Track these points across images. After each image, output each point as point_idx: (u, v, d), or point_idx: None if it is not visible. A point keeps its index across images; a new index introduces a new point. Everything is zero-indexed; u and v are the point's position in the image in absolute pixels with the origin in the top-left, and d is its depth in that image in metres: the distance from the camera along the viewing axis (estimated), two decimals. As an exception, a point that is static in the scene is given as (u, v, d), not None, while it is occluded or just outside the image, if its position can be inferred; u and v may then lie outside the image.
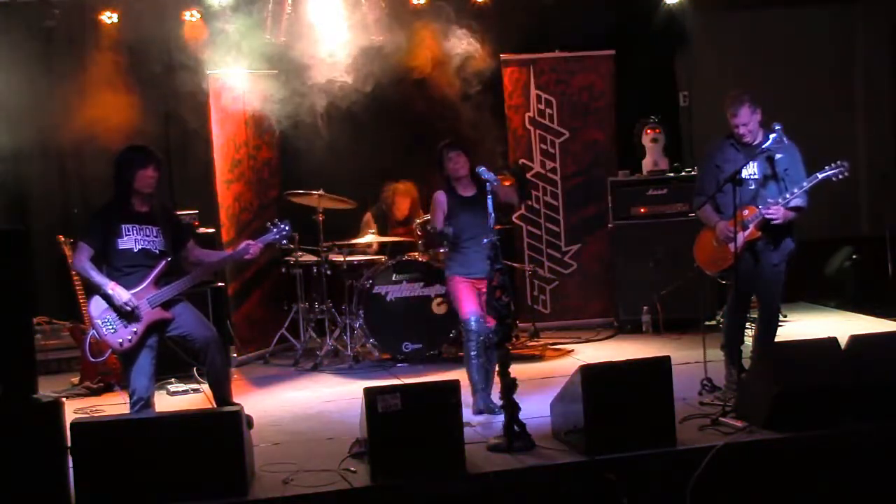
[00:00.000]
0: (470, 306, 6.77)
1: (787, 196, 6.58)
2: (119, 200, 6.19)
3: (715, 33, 10.20)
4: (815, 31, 10.36)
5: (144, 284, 6.10)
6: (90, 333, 6.05)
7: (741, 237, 6.51)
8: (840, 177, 6.55)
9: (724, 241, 6.65)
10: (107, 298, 6.06)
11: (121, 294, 6.02)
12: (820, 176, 6.56)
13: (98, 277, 6.07)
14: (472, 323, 6.74)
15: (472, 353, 6.75)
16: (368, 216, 9.16)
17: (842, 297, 9.83)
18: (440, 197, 6.95)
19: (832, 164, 6.56)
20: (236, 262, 7.08)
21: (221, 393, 6.44)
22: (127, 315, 6.05)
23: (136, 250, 6.11)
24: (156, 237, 6.17)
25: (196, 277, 6.37)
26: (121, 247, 6.09)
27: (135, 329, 6.06)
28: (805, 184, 6.58)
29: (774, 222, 6.57)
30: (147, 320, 6.09)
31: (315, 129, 8.71)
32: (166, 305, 6.18)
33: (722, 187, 6.58)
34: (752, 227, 6.60)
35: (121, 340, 6.06)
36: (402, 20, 9.02)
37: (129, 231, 6.11)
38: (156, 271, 6.13)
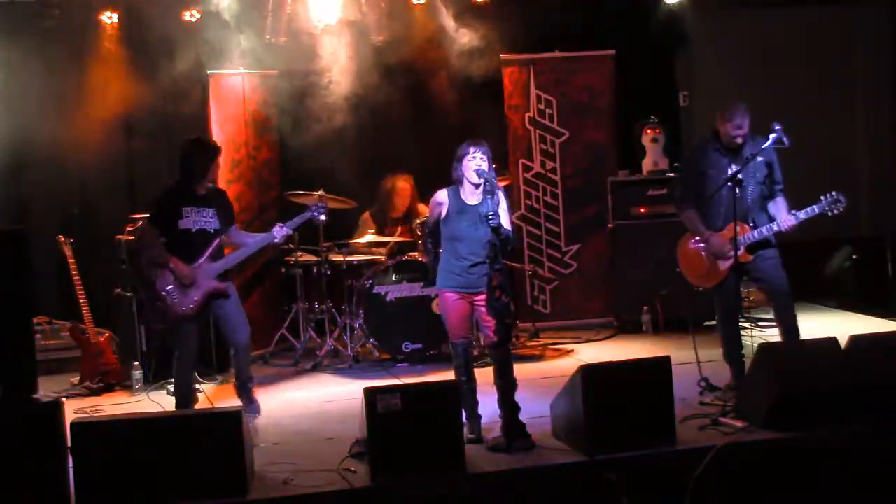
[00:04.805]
0: (461, 330, 6.23)
1: (783, 224, 6.62)
2: (183, 184, 6.79)
3: (715, 33, 10.19)
4: (815, 31, 10.34)
5: (201, 260, 6.72)
6: (157, 305, 6.74)
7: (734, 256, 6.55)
8: (835, 212, 6.58)
9: (720, 258, 6.66)
10: (171, 272, 6.68)
11: (182, 269, 6.66)
12: (817, 209, 6.60)
13: (163, 254, 6.68)
14: (460, 348, 6.24)
15: (459, 374, 6.27)
16: (367, 215, 9.15)
17: (842, 297, 9.83)
18: (441, 196, 6.25)
19: (827, 197, 6.58)
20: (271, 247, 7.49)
21: (241, 379, 6.97)
22: (188, 287, 6.69)
23: (194, 230, 6.71)
24: (212, 218, 6.77)
25: (246, 253, 7.01)
26: (181, 227, 6.69)
27: (196, 298, 6.69)
28: (802, 215, 6.62)
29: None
30: (205, 289, 6.71)
31: (315, 128, 8.70)
32: (221, 278, 6.79)
33: (720, 189, 6.61)
34: (743, 249, 6.60)
35: (185, 309, 6.68)
36: (401, 19, 9.03)
37: (188, 213, 6.71)
38: (211, 248, 6.76)
